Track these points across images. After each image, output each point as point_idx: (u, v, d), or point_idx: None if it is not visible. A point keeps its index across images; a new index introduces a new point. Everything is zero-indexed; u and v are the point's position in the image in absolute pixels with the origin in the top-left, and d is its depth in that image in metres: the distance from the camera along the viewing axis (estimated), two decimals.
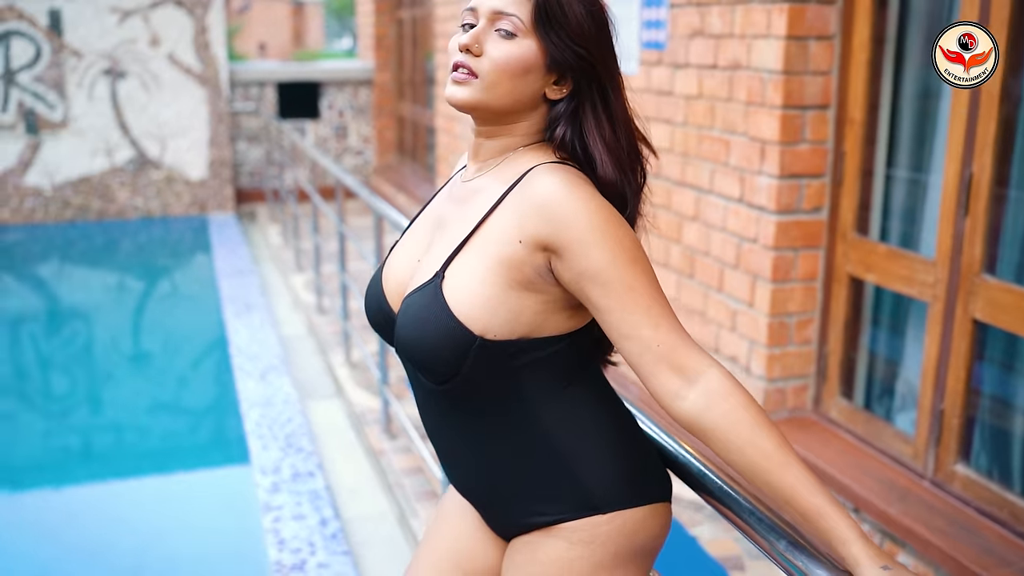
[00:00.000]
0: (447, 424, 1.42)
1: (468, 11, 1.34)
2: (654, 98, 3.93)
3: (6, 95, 9.46)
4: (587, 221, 1.25)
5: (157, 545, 3.82)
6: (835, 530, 1.15)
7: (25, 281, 8.64)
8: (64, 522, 4.19)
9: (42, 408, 5.62)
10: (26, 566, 3.69)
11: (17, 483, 4.54)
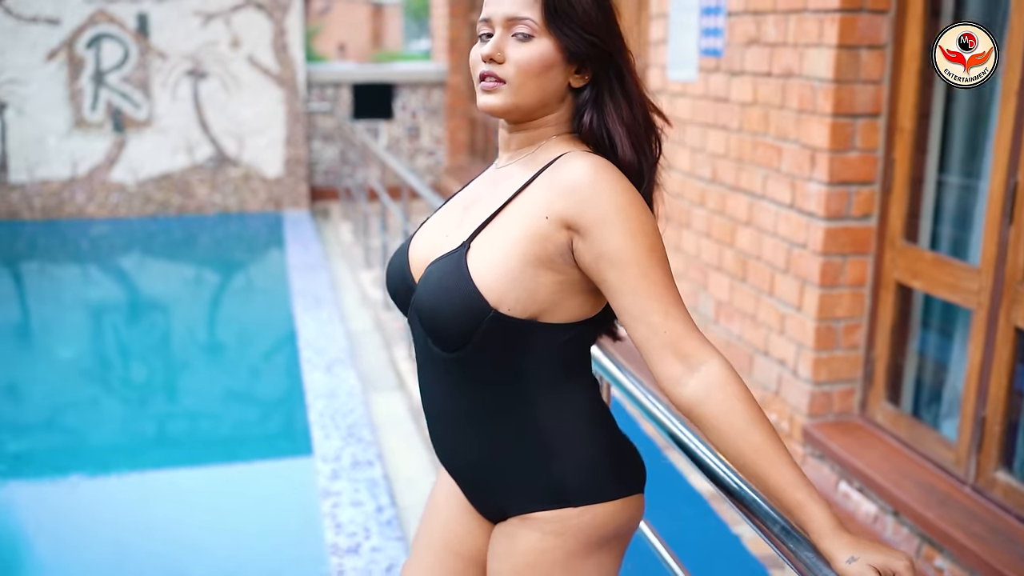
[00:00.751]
0: (446, 396, 1.49)
1: (483, 22, 1.43)
2: (711, 104, 3.99)
3: (95, 95, 9.86)
4: (612, 204, 1.32)
5: (225, 525, 4.02)
6: (812, 523, 1.22)
7: (109, 272, 9.00)
8: (141, 502, 4.43)
9: (122, 394, 5.89)
10: (105, 542, 3.92)
11: (98, 465, 4.78)
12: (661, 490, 3.62)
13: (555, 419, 1.45)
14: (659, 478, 3.69)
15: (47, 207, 10.05)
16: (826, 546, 1.20)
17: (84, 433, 5.22)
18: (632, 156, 1.42)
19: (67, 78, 9.77)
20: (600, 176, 1.34)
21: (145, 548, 3.91)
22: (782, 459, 1.27)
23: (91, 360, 6.45)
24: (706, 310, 4.15)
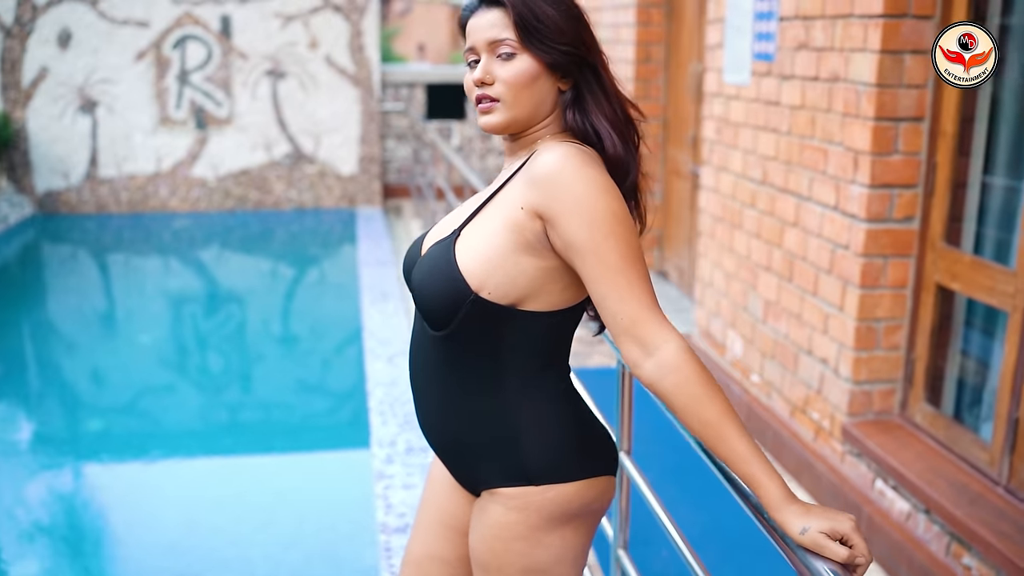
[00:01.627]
0: (430, 373, 1.61)
1: (468, 51, 1.56)
2: (763, 108, 4.07)
3: (180, 93, 10.25)
4: (573, 193, 1.41)
5: (287, 502, 4.24)
6: (765, 497, 1.34)
7: (188, 264, 9.35)
8: (210, 481, 4.68)
9: (197, 380, 6.17)
10: (177, 517, 4.16)
11: (173, 446, 5.04)
12: (705, 483, 3.72)
13: (526, 402, 1.55)
14: (703, 471, 3.79)
15: (133, 201, 10.48)
16: (779, 517, 1.32)
17: (160, 416, 5.50)
18: (619, 147, 1.53)
19: (154, 78, 10.18)
20: (564, 166, 1.43)
21: (212, 523, 4.15)
22: (733, 437, 1.37)
23: (170, 347, 6.76)
24: (755, 309, 4.22)
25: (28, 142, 10.15)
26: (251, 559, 3.89)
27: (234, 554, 3.91)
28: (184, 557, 3.91)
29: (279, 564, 3.85)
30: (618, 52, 6.21)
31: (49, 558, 3.97)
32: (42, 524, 4.27)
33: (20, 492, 4.58)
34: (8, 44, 9.91)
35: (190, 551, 3.94)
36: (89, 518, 4.38)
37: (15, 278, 8.81)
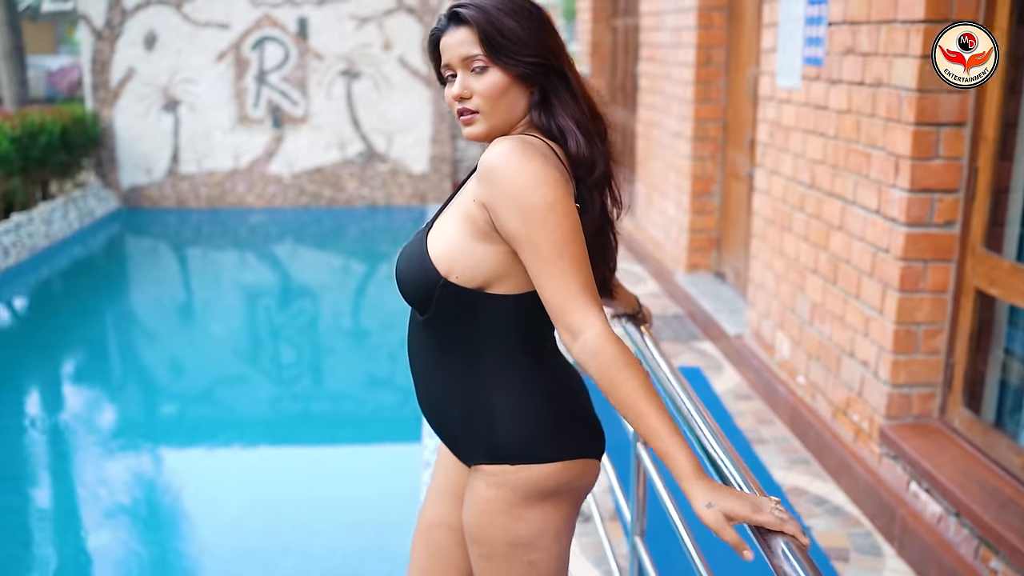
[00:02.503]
0: (420, 355, 1.73)
1: (445, 67, 1.66)
2: (812, 112, 4.09)
3: (258, 93, 10.57)
4: (509, 184, 1.50)
5: (344, 488, 4.43)
6: (676, 469, 1.42)
7: (263, 258, 9.65)
8: (275, 467, 4.89)
9: (266, 371, 6.39)
10: (243, 498, 4.37)
11: (241, 434, 5.26)
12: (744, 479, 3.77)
13: (502, 383, 1.64)
14: (750, 469, 3.83)
15: (211, 196, 10.83)
16: (687, 488, 1.41)
17: (230, 404, 5.73)
18: (582, 145, 1.62)
19: (233, 77, 10.51)
20: (504, 158, 1.51)
21: (273, 506, 4.35)
22: (650, 413, 1.45)
23: (242, 338, 7.01)
24: (802, 311, 4.25)
25: (115, 139, 10.58)
26: (308, 541, 4.06)
27: (292, 536, 4.09)
28: (245, 536, 4.11)
29: (335, 548, 4.02)
30: (679, 55, 6.26)
31: (124, 530, 4.21)
32: (118, 500, 4.52)
33: (100, 471, 4.84)
34: (98, 46, 10.34)
35: (251, 531, 4.14)
36: (161, 496, 4.61)
37: (100, 269, 9.21)
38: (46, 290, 8.18)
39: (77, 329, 7.19)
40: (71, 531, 4.24)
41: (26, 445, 5.15)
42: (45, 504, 4.52)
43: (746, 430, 4.32)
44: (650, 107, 7.26)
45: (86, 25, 10.33)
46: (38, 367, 6.38)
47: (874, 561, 3.28)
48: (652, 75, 7.14)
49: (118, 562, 3.94)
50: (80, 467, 4.94)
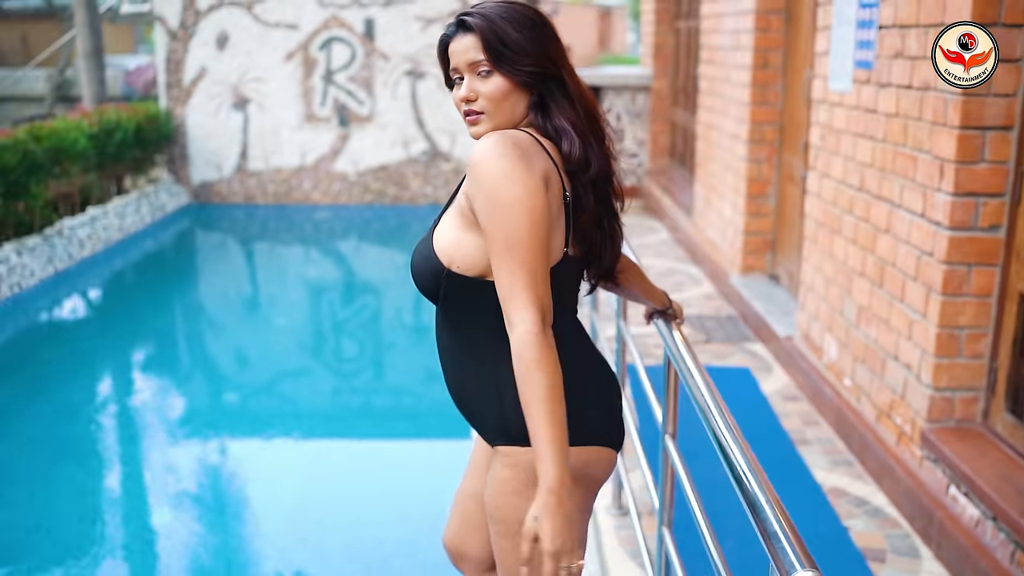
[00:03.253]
0: (442, 340, 1.85)
1: (453, 71, 1.77)
2: (862, 115, 4.10)
3: (325, 92, 10.80)
4: (481, 179, 1.61)
5: (397, 480, 4.57)
6: (540, 475, 1.51)
7: (328, 254, 9.87)
8: (331, 457, 5.04)
9: (328, 365, 6.56)
10: (299, 486, 4.53)
11: (300, 424, 5.41)
12: (785, 480, 3.80)
13: (507, 367, 1.68)
14: (786, 469, 3.87)
15: (278, 192, 11.09)
16: (538, 494, 1.50)
17: (290, 395, 5.90)
18: (576, 146, 1.72)
19: (301, 77, 10.75)
20: (482, 153, 1.62)
21: (327, 494, 4.50)
22: (540, 416, 1.53)
23: (306, 331, 7.20)
24: (850, 314, 4.26)
25: (186, 136, 10.90)
26: (360, 530, 4.20)
27: (345, 523, 4.23)
28: (299, 522, 4.26)
29: (384, 537, 4.15)
30: (737, 58, 6.27)
31: (184, 511, 4.40)
32: (181, 482, 4.71)
33: (165, 455, 5.04)
34: (173, 46, 10.67)
35: (305, 517, 4.29)
36: (221, 481, 4.79)
37: (170, 261, 9.51)
38: (118, 280, 8.48)
39: (146, 318, 7.45)
40: (134, 510, 4.43)
41: (96, 428, 5.38)
42: (112, 484, 4.72)
43: (791, 431, 4.34)
44: (709, 109, 7.28)
45: (161, 26, 10.66)
46: (109, 354, 6.64)
47: (911, 563, 3.29)
48: (711, 77, 7.16)
49: (178, 540, 4.11)
50: (145, 450, 5.15)
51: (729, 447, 1.74)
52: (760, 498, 1.54)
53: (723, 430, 1.83)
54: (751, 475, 1.61)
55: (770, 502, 1.52)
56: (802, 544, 1.41)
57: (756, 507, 1.52)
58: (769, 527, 1.46)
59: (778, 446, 4.17)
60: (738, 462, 1.67)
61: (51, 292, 7.61)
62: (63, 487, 4.53)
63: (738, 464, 1.67)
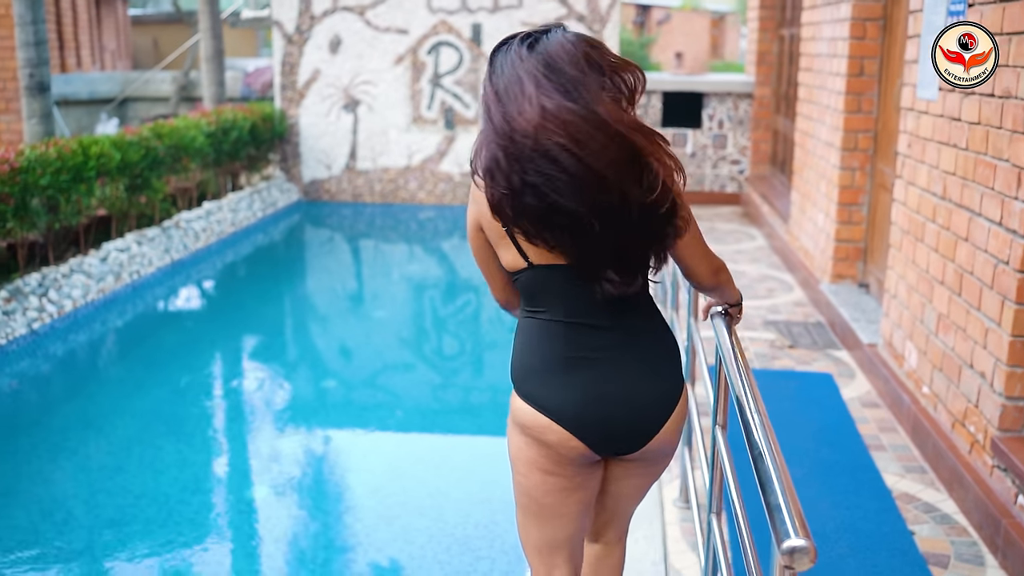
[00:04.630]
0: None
1: None
2: (946, 123, 4.11)
3: (432, 95, 11.10)
4: None
5: (483, 464, 4.75)
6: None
7: (431, 252, 10.15)
8: (420, 443, 5.25)
9: (425, 358, 6.77)
10: (386, 466, 4.75)
11: (403, 419, 5.63)
12: (853, 483, 3.84)
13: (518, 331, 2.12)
14: (855, 472, 3.90)
15: (385, 192, 11.45)
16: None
17: (388, 386, 6.14)
18: (477, 175, 2.07)
19: (410, 80, 11.08)
20: None
21: (414, 475, 4.71)
22: None
23: (407, 327, 7.45)
24: (930, 322, 4.26)
25: (299, 136, 11.34)
26: (443, 509, 4.39)
27: (429, 503, 4.43)
28: (385, 500, 4.48)
29: (467, 516, 4.33)
30: (833, 65, 6.27)
31: (278, 487, 4.66)
32: (278, 462, 4.99)
33: (264, 436, 5.34)
34: (288, 50, 11.13)
35: (391, 496, 4.50)
36: (315, 462, 5.05)
37: (280, 255, 9.93)
38: (229, 271, 8.92)
39: (254, 307, 7.83)
40: (231, 483, 4.72)
41: (202, 407, 5.72)
42: (212, 459, 5.03)
43: (867, 436, 4.36)
44: (806, 117, 7.27)
45: (278, 30, 11.13)
46: (218, 339, 7.02)
47: (974, 570, 3.30)
48: (809, 85, 7.15)
49: (271, 513, 4.38)
50: (245, 430, 5.46)
51: (755, 429, 1.84)
52: (772, 475, 1.64)
53: (753, 415, 1.92)
54: (768, 455, 1.71)
55: (780, 479, 1.61)
56: (801, 516, 1.51)
57: (766, 484, 1.63)
58: (773, 500, 1.57)
59: (851, 450, 4.20)
60: (759, 441, 1.78)
61: (167, 280, 8.07)
62: (169, 459, 4.85)
63: (758, 443, 1.77)
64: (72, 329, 6.63)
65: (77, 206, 6.85)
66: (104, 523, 4.20)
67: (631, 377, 1.97)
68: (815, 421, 4.52)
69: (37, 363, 6.13)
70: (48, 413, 5.64)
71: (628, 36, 24.27)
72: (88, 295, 6.86)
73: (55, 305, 6.49)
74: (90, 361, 6.48)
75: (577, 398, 1.96)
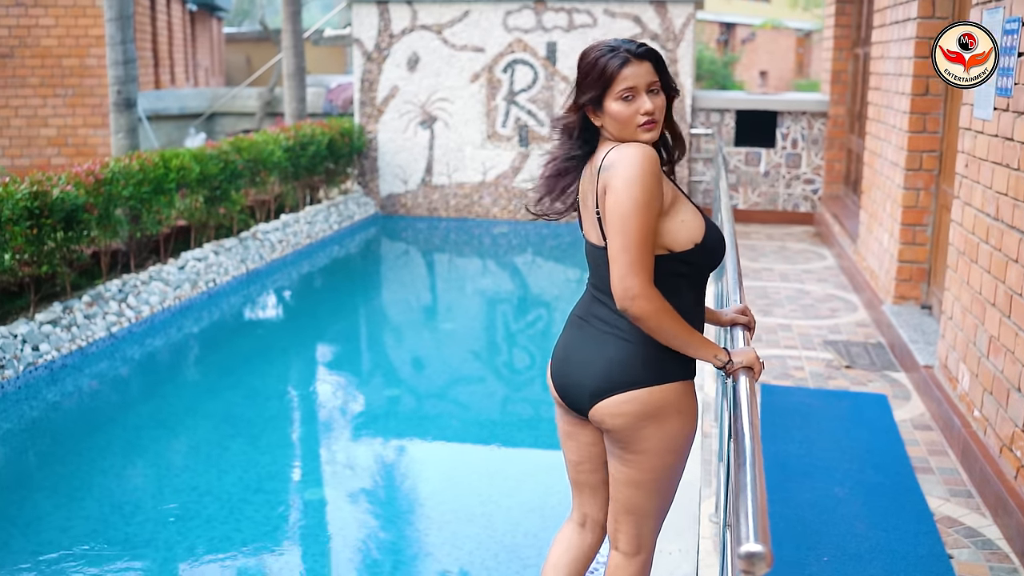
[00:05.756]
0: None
1: (629, 89, 2.23)
2: (1000, 143, 4.07)
3: (507, 112, 11.27)
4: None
5: (534, 476, 4.80)
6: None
7: (504, 267, 10.27)
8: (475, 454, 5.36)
9: (495, 371, 6.87)
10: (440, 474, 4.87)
11: (466, 434, 5.72)
12: (894, 505, 3.83)
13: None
14: (897, 494, 3.89)
15: (459, 207, 11.64)
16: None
17: (455, 398, 6.24)
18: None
19: (485, 97, 11.27)
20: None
21: (468, 484, 4.81)
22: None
23: (478, 341, 7.56)
24: (982, 344, 4.22)
25: (377, 151, 11.62)
26: (493, 517, 4.48)
27: (480, 511, 4.52)
28: (438, 507, 4.59)
29: (517, 525, 4.41)
30: (899, 84, 6.22)
31: (337, 489, 4.81)
32: (338, 466, 5.16)
33: (328, 441, 5.52)
34: (368, 67, 11.43)
35: (443, 503, 4.61)
36: (373, 467, 5.19)
37: (354, 267, 10.18)
38: (302, 282, 9.18)
39: (325, 316, 8.07)
40: (293, 485, 4.90)
41: (271, 411, 5.92)
42: (276, 461, 5.21)
43: (916, 459, 4.32)
44: (874, 136, 7.21)
45: (358, 48, 11.44)
46: (290, 346, 7.25)
47: None
48: (877, 104, 7.09)
49: (328, 513, 4.53)
50: (310, 435, 5.64)
51: (744, 437, 1.90)
52: (747, 482, 1.70)
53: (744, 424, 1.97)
54: (749, 464, 1.77)
55: (754, 487, 1.66)
56: (764, 522, 1.56)
57: (739, 491, 1.69)
58: (742, 506, 1.62)
59: (897, 472, 4.17)
60: (745, 449, 1.84)
61: (242, 289, 8.36)
62: (235, 460, 5.05)
63: (744, 451, 1.83)
64: (149, 334, 6.93)
65: (157, 216, 7.16)
66: (168, 518, 4.40)
67: (575, 343, 2.41)
68: (864, 442, 4.50)
69: (115, 365, 6.43)
70: (124, 412, 5.91)
71: (711, 55, 24.17)
72: (165, 301, 7.16)
73: (133, 310, 6.80)
74: (165, 364, 6.77)
75: (555, 349, 2.50)
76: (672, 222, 2.25)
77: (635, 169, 2.17)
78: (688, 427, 2.35)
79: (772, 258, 8.89)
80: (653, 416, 2.28)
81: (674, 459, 2.36)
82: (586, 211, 2.41)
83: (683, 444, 2.36)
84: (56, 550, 4.12)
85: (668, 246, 2.25)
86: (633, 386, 2.28)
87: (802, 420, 4.71)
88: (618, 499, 2.45)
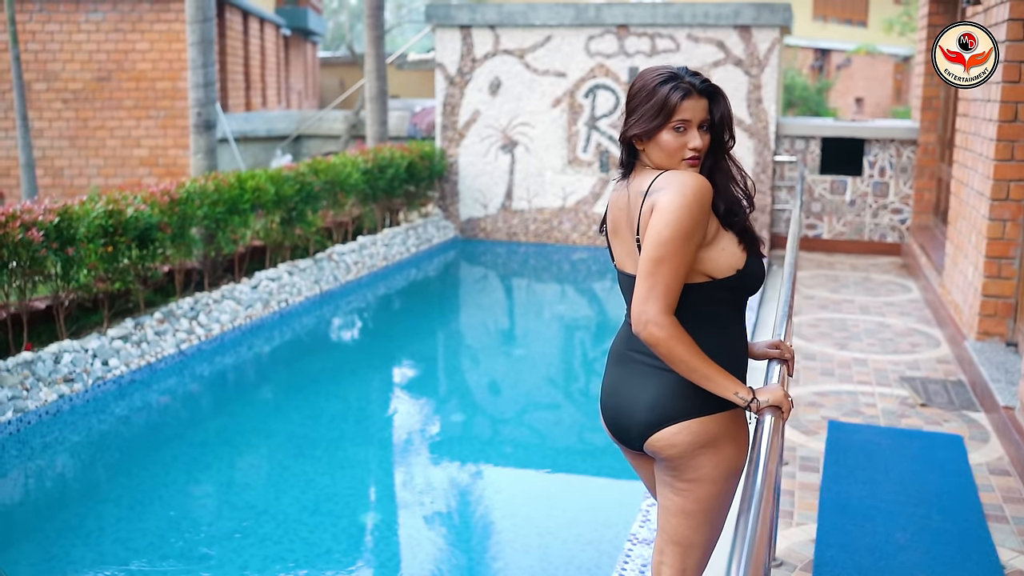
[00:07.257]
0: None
1: (681, 121, 2.23)
2: None
3: (588, 138, 11.23)
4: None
5: (565, 498, 4.72)
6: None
7: (583, 293, 10.20)
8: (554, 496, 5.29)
9: (569, 404, 6.78)
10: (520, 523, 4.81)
11: (529, 462, 5.65)
12: (962, 554, 3.63)
13: None
14: (964, 542, 3.69)
15: (538, 232, 11.61)
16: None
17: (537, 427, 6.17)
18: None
19: (566, 122, 11.25)
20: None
21: (512, 527, 4.76)
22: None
23: (555, 367, 7.49)
24: None
25: (457, 175, 11.69)
26: (549, 549, 4.40)
27: (536, 543, 4.45)
28: (494, 536, 4.55)
29: (572, 559, 4.33)
30: (986, 111, 5.97)
31: (390, 514, 4.81)
32: (400, 488, 5.16)
33: (390, 463, 5.53)
34: (450, 91, 11.52)
35: (500, 532, 4.57)
36: (436, 488, 5.16)
37: (430, 290, 10.22)
38: (376, 303, 9.25)
39: (397, 339, 8.09)
40: (352, 506, 4.90)
41: (335, 432, 5.94)
42: (336, 482, 5.21)
43: (989, 506, 4.10)
44: (962, 164, 6.94)
45: (441, 72, 11.54)
46: (359, 367, 7.29)
47: None
48: (965, 132, 6.83)
49: (386, 533, 4.52)
50: (372, 457, 5.64)
51: (759, 472, 1.81)
52: (750, 519, 1.62)
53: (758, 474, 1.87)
54: (755, 501, 1.68)
55: (752, 539, 1.57)
56: (759, 560, 1.48)
57: (740, 525, 1.61)
58: (735, 559, 1.53)
59: (967, 519, 3.96)
60: (756, 483, 1.75)
61: (315, 309, 8.45)
62: (294, 480, 5.07)
63: (753, 485, 1.74)
64: (218, 352, 7.04)
65: (232, 236, 7.30)
66: (223, 535, 4.44)
67: (620, 380, 2.39)
68: (933, 485, 4.29)
69: (183, 381, 6.55)
70: (190, 428, 6.01)
71: (803, 81, 23.74)
72: (236, 320, 7.28)
73: (204, 328, 6.92)
74: (232, 382, 6.87)
75: (602, 387, 2.49)
76: (714, 250, 2.23)
77: (687, 197, 2.15)
78: (741, 455, 2.33)
79: (854, 289, 8.62)
80: (707, 444, 2.27)
81: (725, 488, 2.34)
82: (618, 239, 2.36)
83: (736, 472, 2.33)
84: (113, 562, 4.19)
85: (709, 273, 2.23)
86: (681, 417, 2.26)
87: (868, 460, 4.52)
88: (666, 529, 2.41)
